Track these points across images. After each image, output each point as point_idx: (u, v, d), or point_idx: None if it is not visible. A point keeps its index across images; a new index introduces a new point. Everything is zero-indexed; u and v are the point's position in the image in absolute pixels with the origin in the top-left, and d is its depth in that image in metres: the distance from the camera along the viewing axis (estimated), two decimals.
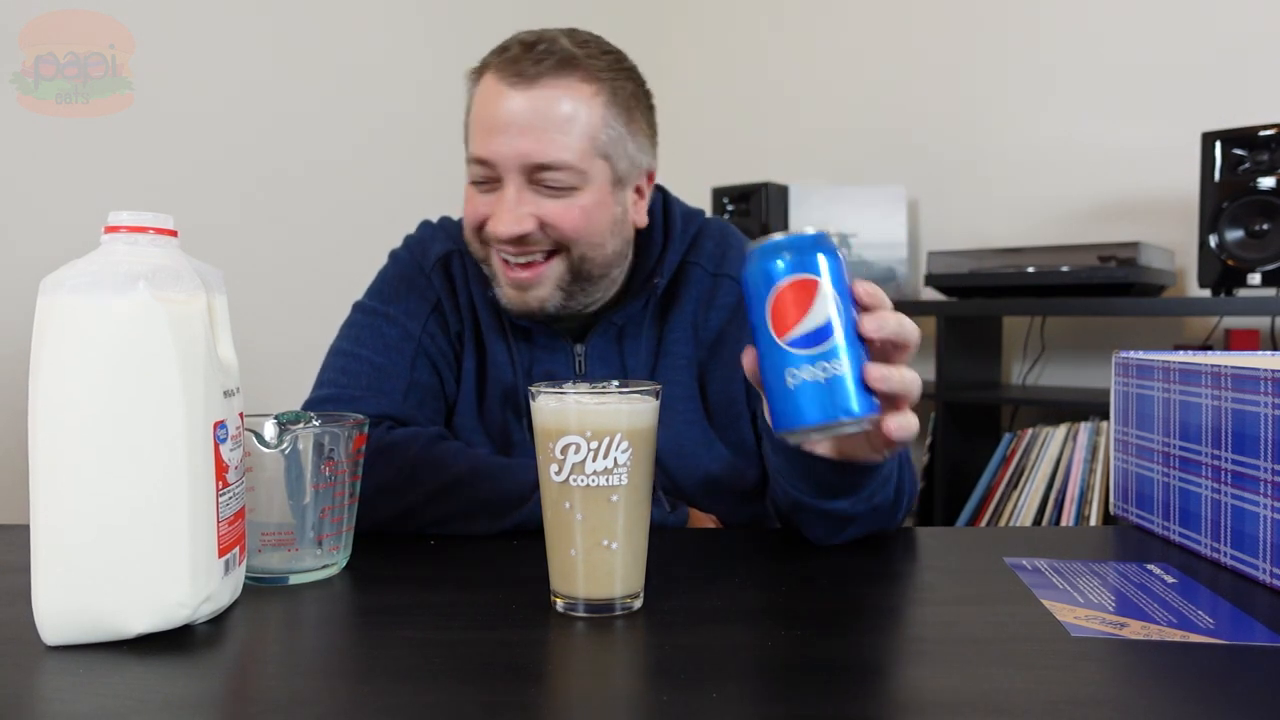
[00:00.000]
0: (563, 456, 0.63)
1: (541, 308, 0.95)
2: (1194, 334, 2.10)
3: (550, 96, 0.89)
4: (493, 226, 0.91)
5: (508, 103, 0.89)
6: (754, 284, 0.63)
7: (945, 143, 2.42)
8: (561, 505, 0.64)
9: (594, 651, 0.61)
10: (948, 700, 0.52)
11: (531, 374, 1.00)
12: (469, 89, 0.96)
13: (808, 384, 0.60)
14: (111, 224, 0.62)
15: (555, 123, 0.89)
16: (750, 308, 0.63)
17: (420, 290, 1.04)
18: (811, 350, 0.60)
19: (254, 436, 0.70)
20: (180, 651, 0.59)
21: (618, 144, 0.93)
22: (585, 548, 0.64)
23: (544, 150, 0.89)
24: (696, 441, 0.98)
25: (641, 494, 0.65)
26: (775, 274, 0.61)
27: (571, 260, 0.93)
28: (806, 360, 0.60)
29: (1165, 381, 0.86)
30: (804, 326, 0.61)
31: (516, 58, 0.89)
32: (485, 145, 0.91)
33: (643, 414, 0.65)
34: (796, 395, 0.61)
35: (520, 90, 0.89)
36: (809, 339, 0.61)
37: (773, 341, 0.61)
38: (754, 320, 0.63)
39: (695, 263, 1.02)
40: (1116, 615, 0.64)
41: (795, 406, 0.61)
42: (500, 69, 0.90)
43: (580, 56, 0.90)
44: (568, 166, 0.89)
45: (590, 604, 0.65)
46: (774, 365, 0.62)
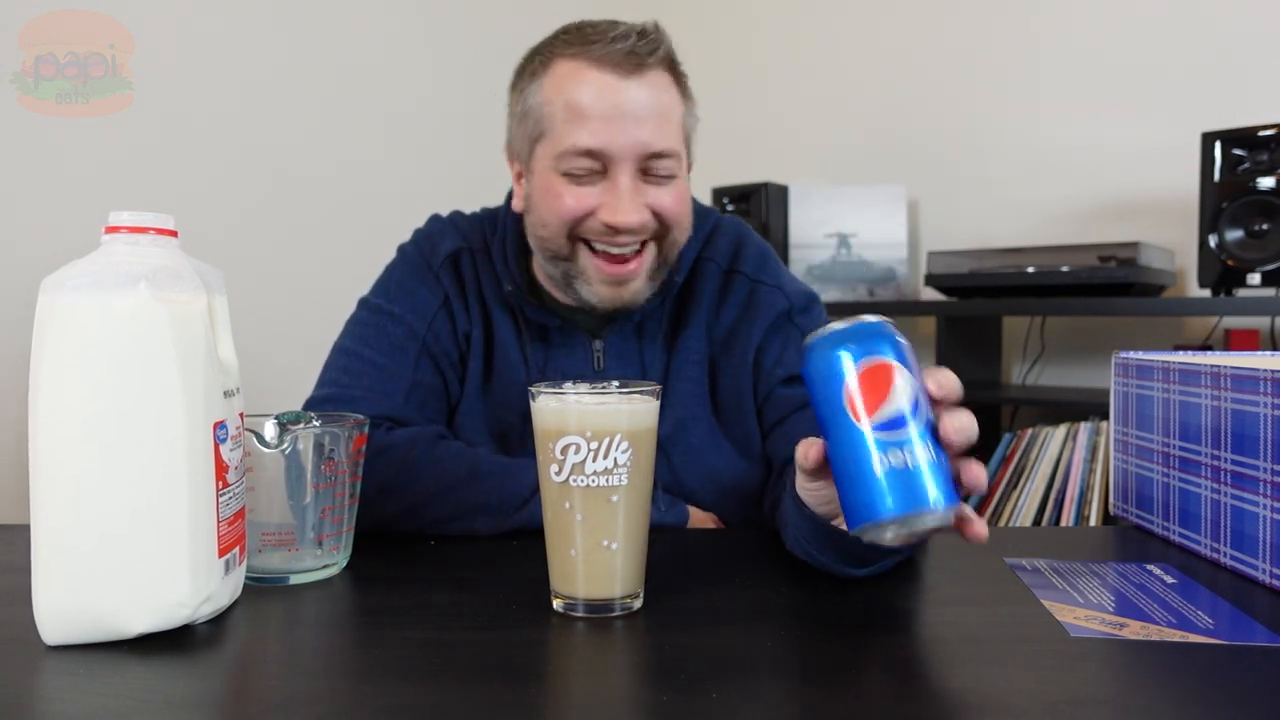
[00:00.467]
0: (563, 457, 0.63)
1: (635, 300, 0.95)
2: (1194, 334, 2.10)
3: (659, 86, 0.91)
4: (610, 217, 0.90)
5: (623, 91, 0.88)
6: (826, 370, 0.58)
7: (945, 143, 2.42)
8: (561, 505, 0.64)
9: (594, 651, 0.61)
10: (947, 700, 0.52)
11: (545, 372, 0.99)
12: (529, 82, 0.93)
13: (895, 470, 0.56)
14: (112, 224, 0.62)
15: (664, 111, 0.91)
16: (820, 397, 0.59)
17: (429, 287, 1.02)
18: (893, 435, 0.56)
19: (254, 437, 0.70)
20: (180, 651, 0.59)
21: (691, 134, 0.97)
22: (585, 548, 0.64)
23: (659, 139, 0.90)
24: (704, 438, 0.98)
25: (641, 494, 0.65)
26: (852, 358, 0.58)
27: (662, 248, 0.95)
28: (894, 445, 0.56)
29: (1165, 382, 0.86)
30: (886, 411, 0.57)
31: (632, 49, 0.88)
32: (598, 134, 0.88)
33: (643, 414, 0.65)
34: (884, 482, 0.56)
35: (633, 80, 0.89)
36: (890, 424, 0.57)
37: (853, 427, 0.57)
38: (826, 409, 0.59)
39: (709, 259, 1.03)
40: (1116, 615, 0.64)
41: (880, 496, 0.56)
42: (605, 59, 0.88)
43: (670, 50, 0.93)
44: (675, 154, 0.92)
45: (590, 604, 0.65)
46: (855, 452, 0.57)
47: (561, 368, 0.99)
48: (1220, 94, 2.04)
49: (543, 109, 0.91)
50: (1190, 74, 2.09)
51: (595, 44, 0.89)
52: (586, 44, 0.89)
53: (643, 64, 0.89)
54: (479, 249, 1.03)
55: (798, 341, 0.97)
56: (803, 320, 1.01)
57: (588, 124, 0.88)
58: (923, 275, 2.22)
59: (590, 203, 0.90)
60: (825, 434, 0.59)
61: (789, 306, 1.01)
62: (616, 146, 0.88)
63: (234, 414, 0.65)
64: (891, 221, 2.40)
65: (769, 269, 1.03)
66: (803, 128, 2.65)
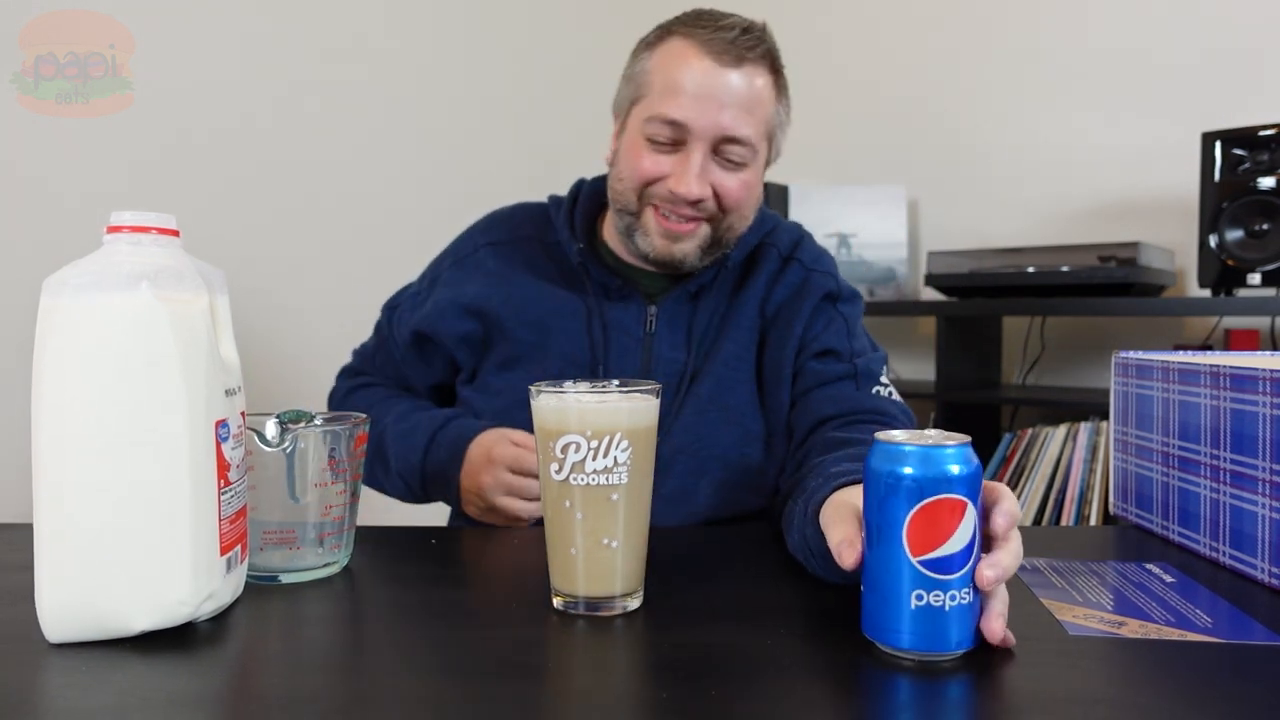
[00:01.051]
0: (563, 455, 0.63)
1: (684, 259, 1.02)
2: (1194, 334, 2.10)
3: (753, 79, 0.98)
4: (674, 185, 0.98)
5: (717, 76, 0.96)
6: (897, 487, 0.56)
7: (945, 143, 2.42)
8: (562, 504, 0.64)
9: (594, 649, 0.61)
10: (946, 698, 0.52)
11: (606, 326, 1.05)
12: (644, 50, 1.02)
13: (931, 610, 0.55)
14: (114, 224, 0.62)
15: (750, 103, 0.98)
16: (877, 507, 0.57)
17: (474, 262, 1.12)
18: (944, 576, 0.55)
19: (256, 435, 0.70)
20: (182, 649, 0.59)
21: (778, 130, 1.04)
22: (586, 546, 0.64)
23: (737, 126, 0.97)
24: (745, 401, 1.02)
25: (642, 493, 0.66)
26: (927, 485, 0.55)
27: (719, 228, 1.02)
28: (938, 586, 0.55)
29: (1165, 381, 0.86)
30: (945, 550, 0.55)
31: (734, 40, 0.96)
32: (684, 109, 0.96)
33: (643, 413, 0.65)
34: (914, 618, 0.55)
35: (729, 68, 0.96)
36: (945, 564, 0.55)
37: (904, 558, 0.55)
38: (879, 520, 0.57)
39: (771, 244, 1.10)
40: (1115, 614, 0.64)
41: (903, 626, 0.56)
42: (708, 42, 0.96)
43: (770, 47, 1.01)
44: (749, 143, 0.99)
45: (590, 602, 0.65)
46: (897, 580, 0.56)
47: (618, 321, 1.05)
48: (1220, 94, 2.04)
49: (647, 75, 1.00)
50: (1190, 74, 2.09)
51: (705, 29, 0.97)
52: (699, 28, 0.98)
53: (742, 57, 0.97)
54: (529, 237, 1.12)
55: (839, 324, 1.04)
56: (846, 308, 1.07)
57: (678, 98, 0.97)
58: (923, 275, 2.22)
59: (664, 169, 0.99)
60: (869, 538, 0.58)
61: (837, 290, 1.07)
62: (697, 124, 0.96)
63: (235, 413, 0.65)
64: (891, 221, 2.40)
65: (824, 262, 1.10)
66: (803, 128, 2.65)
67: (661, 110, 0.97)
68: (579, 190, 1.13)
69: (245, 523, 0.67)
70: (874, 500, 0.57)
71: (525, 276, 1.08)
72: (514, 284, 1.07)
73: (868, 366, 1.02)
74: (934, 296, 2.27)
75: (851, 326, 1.06)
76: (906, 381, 2.42)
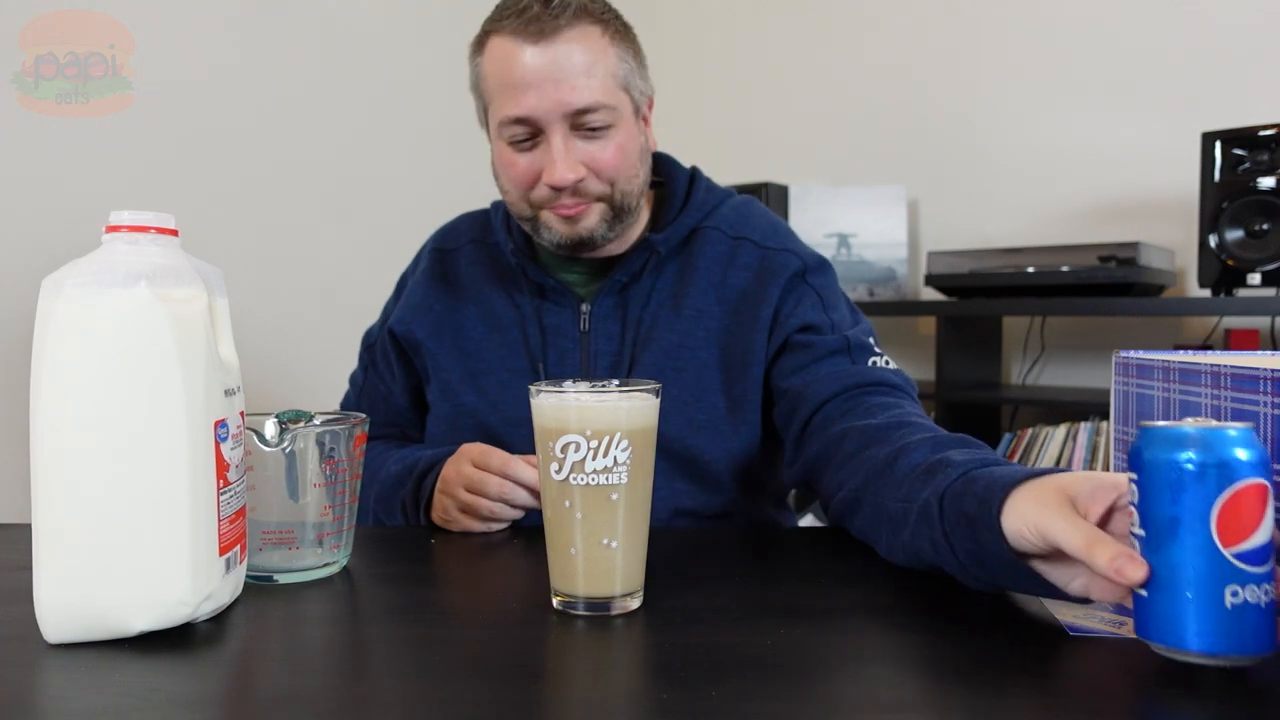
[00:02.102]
0: (563, 455, 0.63)
1: (591, 236, 1.00)
2: (1194, 334, 2.10)
3: (573, 44, 0.94)
4: (548, 177, 0.96)
5: (535, 58, 0.93)
6: (1202, 474, 0.51)
7: (945, 143, 2.42)
8: (561, 504, 0.64)
9: (594, 649, 0.61)
10: (943, 697, 0.52)
11: (542, 324, 1.04)
12: (474, 60, 1.00)
13: (1251, 607, 0.51)
14: (113, 224, 0.62)
15: (583, 67, 0.94)
16: (1176, 497, 0.52)
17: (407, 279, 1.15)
18: (1259, 568, 0.51)
19: (255, 435, 0.70)
20: (181, 649, 0.59)
21: (631, 76, 0.99)
22: (585, 546, 0.64)
23: (580, 95, 0.94)
24: (687, 389, 1.01)
25: (642, 492, 0.66)
26: (1234, 470, 0.51)
27: (613, 200, 0.99)
28: (1253, 579, 0.51)
29: (1165, 381, 0.86)
30: (1257, 539, 0.51)
31: (537, 15, 0.93)
32: (522, 102, 0.94)
33: (642, 412, 0.65)
34: (1230, 618, 0.51)
35: (543, 45, 0.93)
36: (1258, 554, 0.51)
37: (1215, 551, 0.51)
38: (1177, 514, 0.52)
39: (712, 227, 1.06)
40: (1116, 614, 0.64)
41: (1226, 630, 0.51)
42: (517, 30, 0.94)
43: (585, 3, 0.96)
44: (603, 106, 0.95)
45: (590, 602, 0.65)
46: (1208, 578, 0.51)
47: (555, 324, 1.04)
48: (1220, 94, 2.04)
49: (484, 83, 0.99)
50: (1190, 74, 2.09)
51: (509, 17, 0.95)
52: (503, 18, 0.95)
53: (555, 29, 0.93)
54: (471, 240, 1.12)
55: (811, 299, 1.01)
56: (815, 279, 1.04)
57: (514, 93, 0.94)
58: (923, 275, 2.22)
59: (536, 166, 0.97)
60: (1155, 535, 0.53)
61: (803, 266, 1.04)
62: (541, 110, 0.94)
63: (234, 413, 0.65)
64: (891, 221, 2.40)
65: (777, 236, 1.07)
66: (803, 128, 2.65)
67: (506, 112, 0.95)
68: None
69: (244, 523, 0.67)
70: (1165, 492, 0.52)
71: (460, 294, 1.08)
72: (446, 312, 1.07)
73: (858, 339, 0.99)
74: (934, 296, 2.27)
75: (825, 298, 1.03)
76: None
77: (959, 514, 0.64)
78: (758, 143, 2.71)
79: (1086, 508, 0.58)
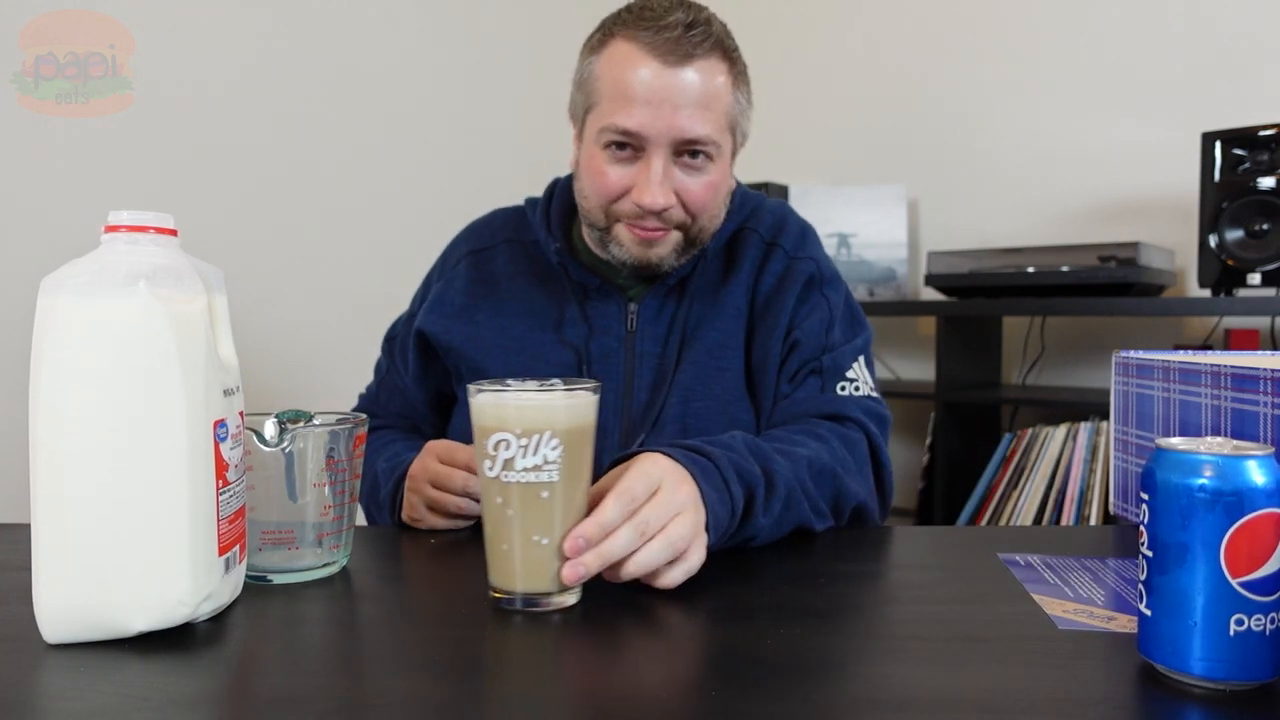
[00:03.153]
0: (495, 453, 0.64)
1: (661, 263, 1.00)
2: (1194, 334, 2.10)
3: (704, 75, 0.94)
4: (638, 197, 0.95)
5: (661, 77, 0.92)
6: (1214, 502, 0.51)
7: (945, 143, 2.42)
8: (494, 500, 0.65)
9: (594, 649, 0.61)
10: (937, 695, 0.52)
11: (590, 326, 1.04)
12: (588, 55, 0.99)
13: (1255, 634, 0.50)
14: (112, 223, 0.62)
15: (705, 99, 0.94)
16: (1185, 523, 0.51)
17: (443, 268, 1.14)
18: (1267, 598, 0.50)
19: (254, 435, 0.70)
20: (181, 649, 0.59)
21: (740, 117, 1.00)
22: (520, 543, 0.65)
23: (695, 126, 0.93)
24: (729, 388, 1.02)
25: (576, 490, 0.66)
26: (1247, 499, 0.50)
27: (691, 231, 1.00)
28: (1260, 609, 0.50)
29: (1165, 381, 0.86)
30: (1266, 569, 0.50)
31: (677, 37, 0.92)
32: (637, 117, 0.93)
33: (575, 410, 0.66)
34: (1234, 646, 0.51)
35: (675, 68, 0.92)
36: (1267, 584, 0.50)
37: (1224, 581, 0.50)
38: (1187, 540, 0.51)
39: (753, 229, 1.07)
40: (1106, 609, 0.64)
41: (1229, 657, 0.51)
42: (651, 43, 0.92)
43: (718, 35, 0.95)
44: (712, 141, 0.95)
45: (527, 598, 0.65)
46: (1214, 606, 0.51)
47: (600, 322, 1.04)
48: (1220, 94, 2.04)
49: (595, 83, 0.97)
50: (1190, 74, 2.09)
51: (648, 28, 0.93)
52: (641, 27, 0.93)
53: (690, 55, 0.92)
54: (506, 239, 1.11)
55: (822, 311, 1.03)
56: (828, 291, 1.05)
57: (630, 106, 0.93)
58: (923, 275, 2.22)
59: (626, 181, 0.96)
60: (1167, 565, 0.52)
61: (818, 273, 1.05)
62: (653, 131, 0.93)
63: (234, 412, 0.65)
64: (891, 221, 2.40)
65: (806, 246, 1.08)
66: (803, 128, 2.65)
67: (614, 120, 0.94)
68: (554, 189, 1.11)
69: (244, 523, 0.67)
70: (1175, 517, 0.51)
71: (500, 294, 1.07)
72: (488, 316, 1.06)
73: (835, 362, 1.00)
74: (934, 296, 2.27)
75: (836, 311, 1.04)
76: (906, 381, 2.42)
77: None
78: (758, 142, 2.69)
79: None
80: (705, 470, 0.75)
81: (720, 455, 0.77)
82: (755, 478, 0.79)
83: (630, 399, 1.02)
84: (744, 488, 0.77)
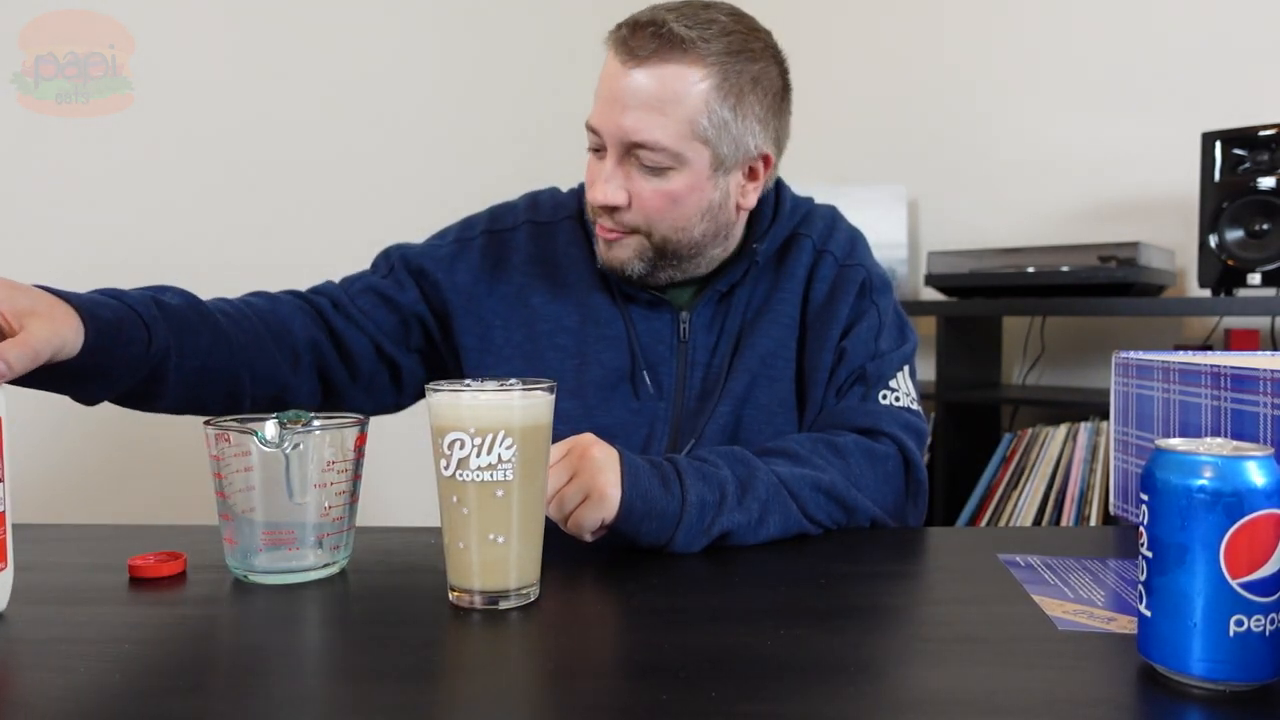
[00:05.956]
0: (450, 452, 0.65)
1: (624, 269, 0.99)
2: (1194, 334, 2.10)
3: (654, 78, 0.91)
4: (587, 191, 0.98)
5: (618, 79, 0.92)
6: (1214, 503, 0.50)
7: (945, 143, 2.42)
8: (450, 499, 0.66)
9: (593, 650, 0.61)
10: (937, 696, 0.52)
11: (640, 335, 1.03)
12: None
13: (1255, 635, 0.50)
14: None
15: (655, 104, 0.91)
16: (1185, 523, 0.51)
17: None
18: (1266, 599, 0.50)
19: (254, 436, 0.70)
20: (180, 649, 0.59)
21: (722, 129, 0.94)
22: (476, 542, 0.65)
23: (639, 129, 0.91)
24: (778, 397, 1.01)
25: (532, 489, 0.66)
26: (1248, 500, 0.50)
27: (653, 240, 0.97)
28: (1260, 610, 0.50)
29: (1165, 381, 0.86)
30: (1266, 570, 0.50)
31: (629, 36, 0.91)
32: (595, 114, 0.95)
33: (530, 409, 0.66)
34: (1233, 647, 0.51)
35: (629, 68, 0.92)
36: (1267, 585, 0.50)
37: (1223, 582, 0.50)
38: (1186, 540, 0.51)
39: (805, 234, 1.06)
40: (1106, 610, 0.64)
41: (1229, 658, 0.51)
42: (617, 44, 0.93)
43: (691, 39, 0.90)
44: (661, 148, 0.92)
45: (486, 595, 0.66)
46: (1214, 607, 0.50)
47: (653, 330, 1.03)
48: (1220, 94, 2.04)
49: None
50: (1190, 74, 2.09)
51: (623, 27, 0.93)
52: (622, 25, 0.94)
53: (642, 53, 0.90)
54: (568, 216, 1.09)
55: (872, 319, 1.01)
56: (879, 299, 1.04)
57: (596, 101, 0.95)
58: (923, 275, 2.22)
59: (592, 177, 0.98)
60: (1167, 566, 0.52)
61: (869, 280, 1.04)
62: (603, 128, 0.94)
63: None
64: (891, 221, 2.40)
65: (856, 252, 1.07)
66: (803, 128, 2.65)
67: (589, 116, 0.96)
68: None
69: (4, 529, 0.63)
70: (1175, 518, 0.51)
71: (562, 279, 1.05)
72: (543, 304, 1.04)
73: (879, 370, 0.99)
74: (934, 296, 2.27)
75: (885, 318, 1.03)
76: None
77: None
78: None
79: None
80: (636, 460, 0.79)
81: (677, 458, 0.83)
82: (720, 478, 0.81)
83: (680, 408, 1.01)
84: (698, 475, 0.80)
